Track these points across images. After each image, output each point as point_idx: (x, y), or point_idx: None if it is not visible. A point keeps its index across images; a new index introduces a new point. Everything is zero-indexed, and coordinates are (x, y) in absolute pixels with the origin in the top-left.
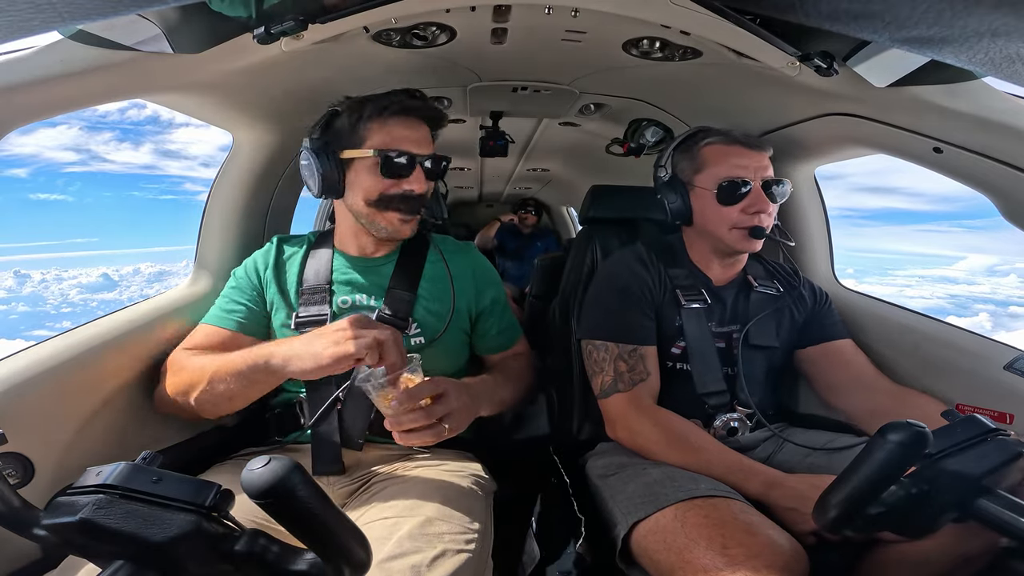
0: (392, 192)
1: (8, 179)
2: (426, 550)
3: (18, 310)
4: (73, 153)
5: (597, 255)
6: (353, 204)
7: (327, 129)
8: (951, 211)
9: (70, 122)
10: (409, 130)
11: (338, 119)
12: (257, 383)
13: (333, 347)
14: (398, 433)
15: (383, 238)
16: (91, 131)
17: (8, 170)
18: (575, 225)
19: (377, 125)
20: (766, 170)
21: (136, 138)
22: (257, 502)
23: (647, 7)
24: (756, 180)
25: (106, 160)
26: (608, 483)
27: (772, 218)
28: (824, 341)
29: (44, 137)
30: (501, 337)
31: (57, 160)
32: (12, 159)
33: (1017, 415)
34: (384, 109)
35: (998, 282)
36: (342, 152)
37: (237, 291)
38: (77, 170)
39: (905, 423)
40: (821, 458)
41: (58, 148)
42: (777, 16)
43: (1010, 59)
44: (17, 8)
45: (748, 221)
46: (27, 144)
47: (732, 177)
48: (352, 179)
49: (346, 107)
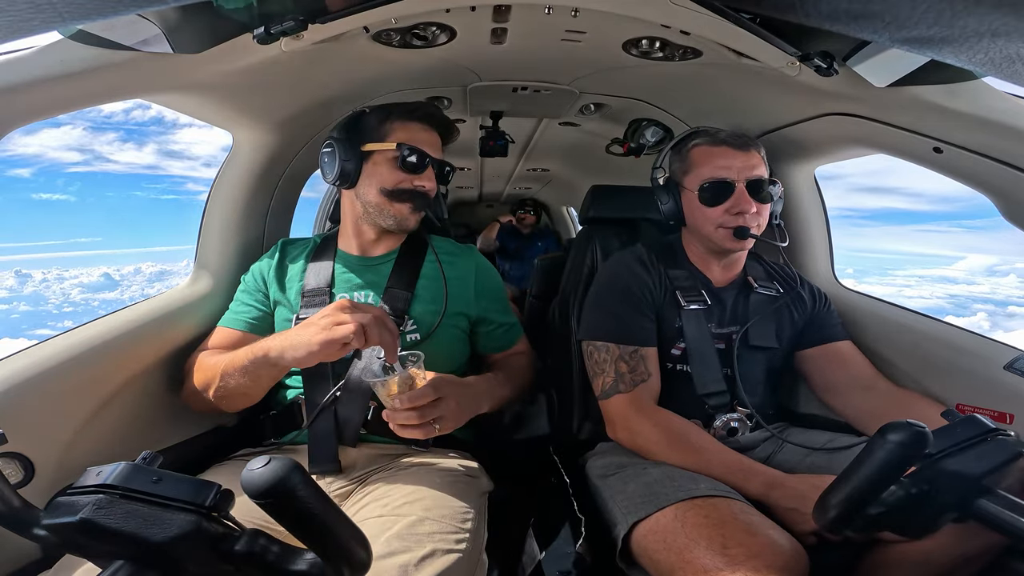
0: (404, 186)
1: (10, 179)
2: (415, 549)
3: (20, 309)
4: (76, 153)
5: (597, 255)
6: (366, 193)
7: (353, 124)
8: (950, 211)
9: (74, 122)
10: (427, 134)
11: (365, 117)
12: (261, 376)
13: (321, 333)
14: (394, 424)
15: (389, 228)
16: (95, 131)
17: (11, 170)
18: (575, 225)
19: (400, 124)
20: (752, 170)
21: (140, 138)
22: (257, 502)
23: (647, 7)
24: (740, 180)
25: (109, 160)
26: (608, 483)
27: (761, 218)
28: (823, 343)
29: (47, 137)
30: (503, 337)
31: (60, 160)
32: (15, 159)
33: (1017, 415)
34: (410, 112)
35: (998, 282)
36: (364, 145)
37: (246, 294)
38: (80, 170)
39: (905, 423)
40: (821, 458)
41: (61, 148)
42: (777, 16)
43: (1010, 59)
44: (17, 8)
45: (732, 221)
46: (30, 144)
47: (715, 178)
48: (370, 170)
49: (373, 108)
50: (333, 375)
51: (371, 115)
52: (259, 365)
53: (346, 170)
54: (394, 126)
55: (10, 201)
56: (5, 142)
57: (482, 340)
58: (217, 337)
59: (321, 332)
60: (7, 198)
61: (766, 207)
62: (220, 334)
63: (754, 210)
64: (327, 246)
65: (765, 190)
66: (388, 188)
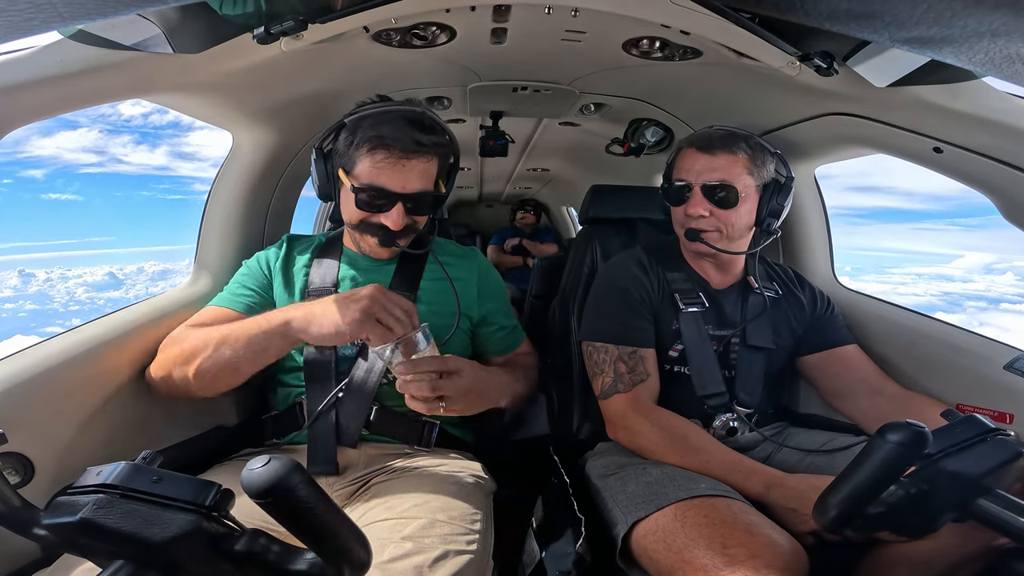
0: (370, 221)
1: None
2: (428, 551)
3: (26, 308)
4: (90, 154)
5: (597, 255)
6: (344, 216)
7: (331, 141)
8: (944, 210)
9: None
10: (394, 166)
11: (340, 134)
12: (269, 349)
13: (355, 313)
14: (403, 388)
15: (365, 255)
16: (112, 134)
17: (24, 171)
18: (575, 225)
19: (365, 152)
20: (712, 172)
21: (154, 140)
22: (257, 502)
23: (647, 7)
24: (697, 183)
25: (122, 161)
26: (608, 483)
27: (720, 222)
28: (828, 347)
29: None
30: (506, 339)
31: (72, 161)
32: (29, 160)
33: (1017, 415)
34: (374, 142)
35: (994, 280)
36: (337, 169)
37: (248, 277)
38: (92, 171)
39: (905, 423)
40: (821, 458)
41: (76, 150)
42: (777, 16)
43: (1010, 59)
44: (17, 8)
45: (687, 223)
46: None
47: (676, 179)
48: (342, 197)
49: (350, 122)
50: (336, 375)
51: (344, 133)
52: (273, 336)
53: (324, 191)
54: (359, 154)
55: (14, 201)
56: (4, 142)
57: (485, 342)
58: (208, 316)
59: (354, 313)
60: (8, 198)
61: (726, 212)
62: (213, 313)
63: (705, 213)
64: (333, 245)
65: (721, 194)
66: (353, 223)
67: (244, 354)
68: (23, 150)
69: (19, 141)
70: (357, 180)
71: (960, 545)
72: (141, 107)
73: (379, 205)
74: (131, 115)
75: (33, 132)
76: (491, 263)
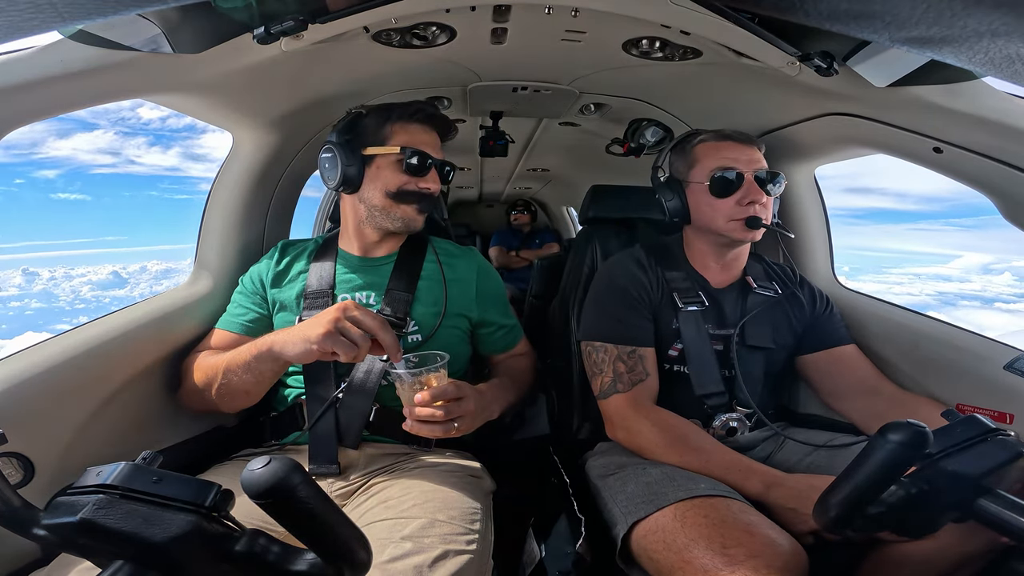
0: (409, 188)
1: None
2: (428, 551)
3: (32, 306)
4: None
5: (597, 255)
6: (371, 197)
7: (351, 128)
8: (939, 210)
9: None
10: (427, 135)
11: (363, 119)
12: (264, 372)
13: (319, 327)
14: (410, 422)
15: (396, 230)
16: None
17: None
18: (575, 225)
19: (400, 127)
20: (758, 163)
21: (167, 142)
22: (257, 502)
23: (647, 7)
24: (748, 171)
25: (134, 163)
26: (608, 483)
27: (768, 210)
28: (827, 347)
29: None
30: (504, 339)
31: (83, 162)
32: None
33: (1017, 415)
34: (411, 115)
35: (990, 280)
36: (365, 149)
37: (243, 296)
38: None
39: (905, 423)
40: (821, 458)
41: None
42: (777, 16)
43: (1010, 59)
44: (17, 8)
45: (744, 212)
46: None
47: (724, 168)
48: (373, 174)
49: (371, 109)
50: (336, 376)
51: (369, 117)
52: (262, 360)
53: (349, 175)
54: (394, 128)
55: (18, 201)
56: (3, 142)
57: (483, 342)
58: (213, 339)
59: (320, 328)
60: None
61: (771, 200)
62: (216, 336)
63: (764, 200)
64: (328, 247)
65: (771, 184)
66: (393, 191)
67: (247, 378)
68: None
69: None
70: (402, 146)
71: (960, 545)
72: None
73: (421, 167)
74: (149, 118)
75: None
76: (493, 263)
